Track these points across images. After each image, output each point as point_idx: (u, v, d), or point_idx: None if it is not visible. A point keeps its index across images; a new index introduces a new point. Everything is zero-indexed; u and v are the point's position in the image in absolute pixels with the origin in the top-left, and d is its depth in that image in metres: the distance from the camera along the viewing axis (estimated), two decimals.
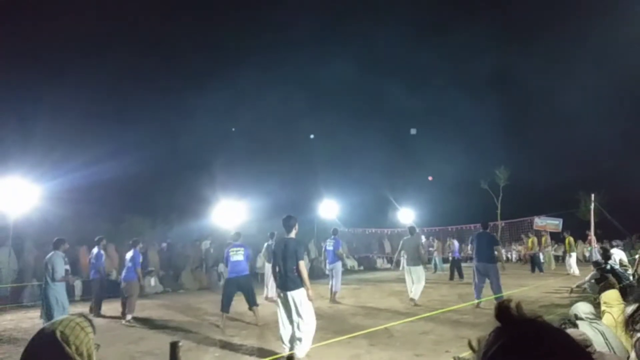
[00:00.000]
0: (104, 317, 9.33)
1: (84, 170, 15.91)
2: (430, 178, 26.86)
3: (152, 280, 13.66)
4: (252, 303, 7.89)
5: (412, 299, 9.58)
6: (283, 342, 5.66)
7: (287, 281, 5.48)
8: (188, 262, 15.36)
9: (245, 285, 7.96)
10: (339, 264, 10.81)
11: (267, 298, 10.55)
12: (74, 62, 24.68)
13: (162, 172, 21.95)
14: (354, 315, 8.63)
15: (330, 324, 7.51)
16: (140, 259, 9.29)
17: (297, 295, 5.44)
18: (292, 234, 5.71)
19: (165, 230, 17.71)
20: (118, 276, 13.27)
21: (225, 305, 7.77)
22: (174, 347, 2.51)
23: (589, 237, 17.90)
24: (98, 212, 15.93)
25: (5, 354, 6.37)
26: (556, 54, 34.39)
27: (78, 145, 19.15)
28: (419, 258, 9.95)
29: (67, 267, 10.74)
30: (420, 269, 9.81)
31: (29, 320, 9.07)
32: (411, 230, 10.44)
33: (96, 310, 9.46)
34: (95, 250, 10.02)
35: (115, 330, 7.70)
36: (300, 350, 5.42)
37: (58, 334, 1.50)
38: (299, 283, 5.48)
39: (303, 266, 5.52)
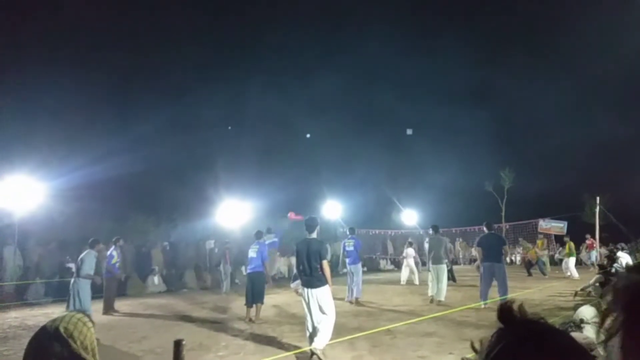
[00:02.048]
0: (112, 315, 9.44)
1: (88, 169, 15.99)
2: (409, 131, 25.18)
3: (156, 279, 13.71)
4: (256, 299, 8.25)
5: (439, 300, 9.63)
6: (309, 338, 5.75)
7: (311, 280, 5.73)
8: (191, 261, 15.42)
9: (255, 281, 8.35)
10: (359, 265, 10.66)
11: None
12: (78, 61, 24.81)
13: (167, 171, 22.03)
14: (357, 316, 8.62)
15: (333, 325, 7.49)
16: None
17: (321, 293, 5.70)
18: (315, 234, 5.95)
19: (169, 229, 17.75)
20: (121, 274, 13.33)
21: (247, 300, 8.28)
22: (177, 345, 2.52)
23: (588, 242, 17.74)
24: (102, 210, 15.98)
25: (10, 351, 6.41)
26: (560, 56, 34.27)
27: (83, 143, 19.26)
28: (443, 257, 10.03)
29: (71, 265, 10.91)
30: (443, 267, 9.94)
31: (33, 318, 9.12)
32: (435, 229, 10.47)
33: (105, 308, 9.56)
34: (111, 249, 10.08)
35: (118, 329, 7.73)
36: (318, 342, 5.57)
37: (62, 329, 1.51)
38: (323, 281, 5.75)
39: (326, 265, 5.79)
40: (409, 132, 27.76)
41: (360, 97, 39.82)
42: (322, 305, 5.67)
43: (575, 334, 2.62)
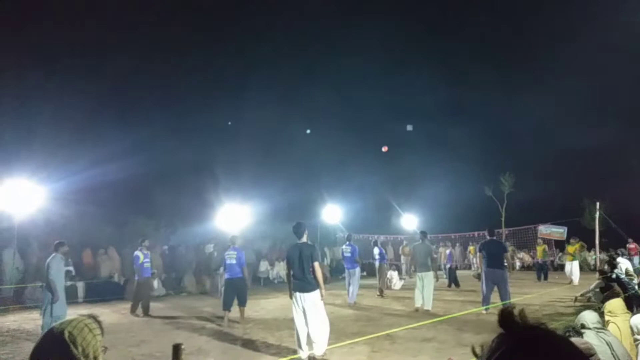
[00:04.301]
0: (137, 316, 9.54)
1: (88, 172, 15.96)
2: (384, 149, 23.40)
3: (155, 283, 13.67)
4: (240, 302, 8.67)
5: (425, 309, 9.41)
6: (299, 346, 5.71)
7: (304, 284, 5.70)
8: (190, 265, 15.37)
9: (239, 286, 8.69)
10: (358, 270, 10.90)
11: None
12: (78, 64, 24.81)
13: (166, 175, 21.98)
14: (356, 321, 8.60)
15: (332, 330, 7.46)
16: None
17: (314, 297, 5.66)
18: (304, 239, 5.96)
19: (168, 233, 17.72)
20: (120, 277, 13.31)
21: (226, 304, 8.50)
22: (176, 349, 2.51)
23: (631, 246, 17.16)
24: (102, 214, 15.93)
25: (9, 355, 6.39)
26: (561, 62, 34.41)
27: (83, 146, 19.24)
28: (429, 264, 9.75)
29: (71, 268, 10.80)
30: (430, 275, 9.66)
31: (31, 321, 9.09)
32: (422, 235, 10.21)
33: (144, 309, 9.67)
34: (136, 251, 10.06)
35: (117, 333, 7.70)
36: (318, 349, 5.56)
37: (66, 334, 1.52)
38: (315, 285, 5.72)
39: (318, 267, 5.76)
40: (409, 127, 27.65)
41: (360, 100, 39.84)
42: (314, 309, 5.60)
43: (574, 339, 2.61)
